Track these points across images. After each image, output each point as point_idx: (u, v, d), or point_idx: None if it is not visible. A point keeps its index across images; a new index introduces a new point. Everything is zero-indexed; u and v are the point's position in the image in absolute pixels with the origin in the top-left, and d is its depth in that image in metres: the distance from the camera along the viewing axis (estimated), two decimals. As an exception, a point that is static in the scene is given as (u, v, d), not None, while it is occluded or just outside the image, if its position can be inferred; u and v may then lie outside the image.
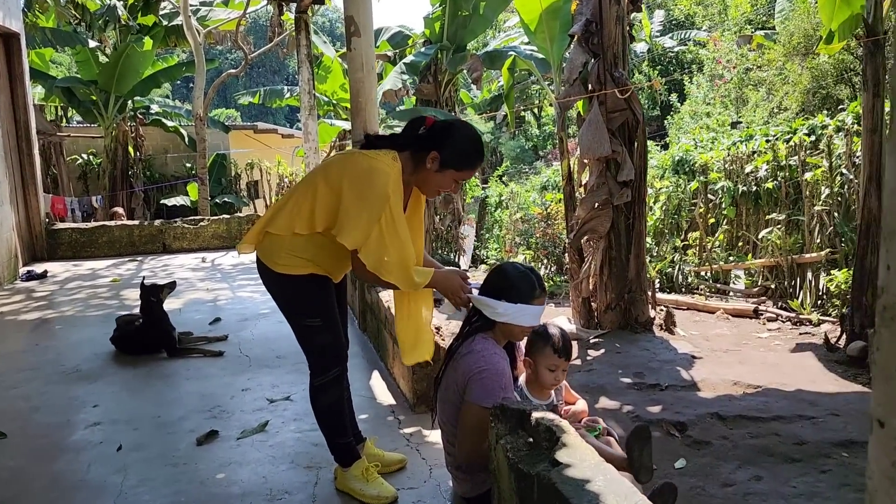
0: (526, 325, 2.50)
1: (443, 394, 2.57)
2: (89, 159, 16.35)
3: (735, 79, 18.42)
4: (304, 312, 2.59)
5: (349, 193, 2.39)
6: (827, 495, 3.15)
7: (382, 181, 2.38)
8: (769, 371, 4.97)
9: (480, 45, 18.26)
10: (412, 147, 2.51)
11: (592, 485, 1.75)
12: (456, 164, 2.49)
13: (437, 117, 2.57)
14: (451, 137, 2.48)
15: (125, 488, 2.87)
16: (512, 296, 2.45)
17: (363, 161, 2.45)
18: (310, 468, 2.99)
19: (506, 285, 2.48)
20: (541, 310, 2.52)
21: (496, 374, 2.38)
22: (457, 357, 2.51)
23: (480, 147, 2.56)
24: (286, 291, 2.61)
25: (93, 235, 9.75)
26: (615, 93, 5.91)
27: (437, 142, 2.47)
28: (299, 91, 9.47)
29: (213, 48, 29.54)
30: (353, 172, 2.42)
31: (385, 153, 2.48)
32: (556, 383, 2.60)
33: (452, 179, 2.52)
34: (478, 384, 2.36)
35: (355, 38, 4.68)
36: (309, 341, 2.63)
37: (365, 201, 2.36)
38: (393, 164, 2.45)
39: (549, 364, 2.55)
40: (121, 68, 14.01)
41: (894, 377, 0.76)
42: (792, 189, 7.57)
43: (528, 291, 2.47)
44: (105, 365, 4.60)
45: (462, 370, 2.44)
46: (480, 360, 2.40)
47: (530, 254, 10.90)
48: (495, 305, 2.46)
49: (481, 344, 2.46)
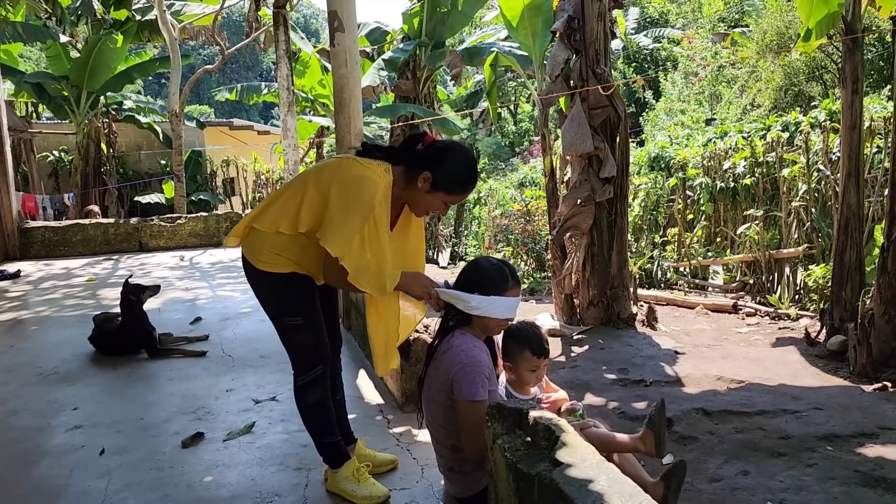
0: (501, 317, 2.51)
1: (427, 394, 2.55)
2: (61, 156, 16.04)
3: (709, 76, 18.60)
4: (286, 311, 2.57)
5: (336, 199, 2.36)
6: (814, 489, 3.18)
7: (371, 190, 2.36)
8: (751, 366, 5.02)
9: (457, 41, 18.21)
10: (407, 163, 2.50)
11: (596, 484, 1.74)
12: (447, 188, 2.48)
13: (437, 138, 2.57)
14: (447, 160, 2.46)
15: (110, 493, 2.80)
16: (485, 288, 2.45)
17: (355, 168, 2.43)
18: (299, 469, 2.95)
19: (479, 278, 2.49)
20: (515, 301, 2.53)
21: (477, 365, 2.38)
22: (437, 355, 2.50)
23: (475, 173, 2.55)
24: (267, 289, 2.58)
25: (66, 234, 9.55)
26: (598, 89, 5.93)
27: (431, 162, 2.45)
28: (277, 87, 9.35)
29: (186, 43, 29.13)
30: (343, 178, 2.40)
31: (378, 164, 2.47)
32: (538, 381, 2.64)
33: (442, 202, 2.52)
34: (462, 380, 2.36)
35: (339, 33, 4.62)
36: (290, 340, 2.61)
37: (351, 208, 2.34)
38: (384, 175, 2.43)
39: (529, 366, 2.56)
40: (92, 63, 13.77)
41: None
42: (769, 185, 7.66)
43: (501, 283, 2.48)
44: (84, 366, 4.50)
45: (443, 368, 2.43)
46: (460, 355, 2.40)
47: (510, 250, 10.91)
48: (468, 299, 2.46)
49: (459, 339, 2.46)
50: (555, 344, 5.86)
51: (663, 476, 2.41)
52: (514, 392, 2.63)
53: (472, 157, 2.57)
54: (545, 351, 2.58)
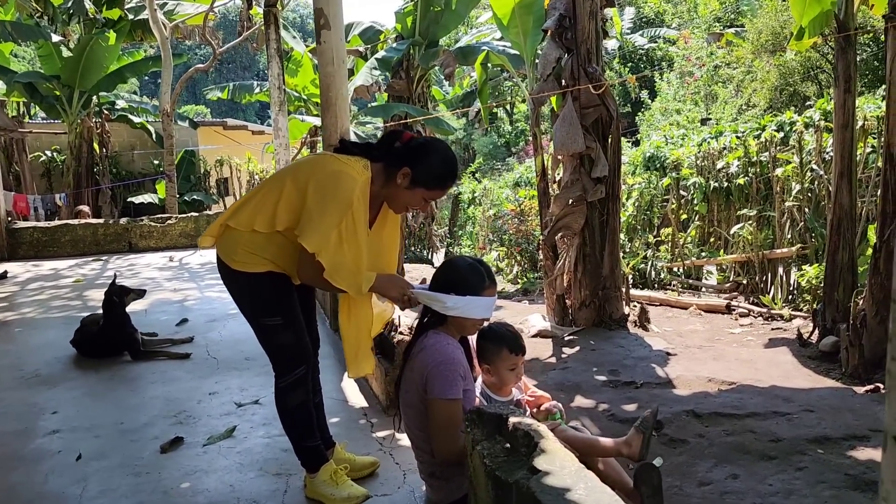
0: (477, 317, 2.47)
1: (404, 397, 2.49)
2: (53, 156, 15.95)
3: (704, 76, 18.58)
4: (263, 311, 2.51)
5: (314, 195, 2.32)
6: (804, 493, 3.13)
7: (349, 186, 2.32)
8: (743, 367, 4.97)
9: (452, 41, 18.16)
10: (386, 159, 2.47)
11: (573, 493, 1.69)
12: (427, 184, 2.46)
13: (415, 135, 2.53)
14: (426, 156, 2.44)
15: (84, 500, 2.74)
16: (461, 288, 2.41)
17: (333, 164, 2.39)
18: (279, 475, 2.89)
19: (455, 278, 2.45)
20: (491, 301, 2.49)
21: (451, 363, 2.34)
22: (412, 357, 2.46)
23: (454, 169, 2.52)
24: (243, 289, 2.53)
25: (55, 234, 9.47)
26: (589, 88, 5.87)
27: (410, 159, 2.43)
28: (269, 86, 9.29)
29: (182, 43, 29.06)
30: (320, 174, 2.36)
31: (357, 160, 2.43)
32: (518, 379, 2.59)
33: (422, 198, 2.49)
34: (436, 378, 2.32)
35: (325, 31, 4.56)
36: (270, 341, 2.55)
37: (328, 204, 2.30)
38: (363, 171, 2.40)
39: (508, 365, 2.52)
40: (85, 63, 13.68)
41: (913, 391, 0.69)
42: (763, 185, 7.62)
43: (478, 283, 2.44)
44: (66, 369, 4.43)
45: (418, 369, 2.39)
46: (434, 354, 2.36)
47: (504, 250, 10.86)
48: (444, 299, 2.41)
49: (433, 338, 2.42)
50: (546, 345, 5.81)
51: (634, 483, 2.36)
52: (492, 395, 2.57)
53: (450, 152, 2.54)
54: (522, 347, 2.54)
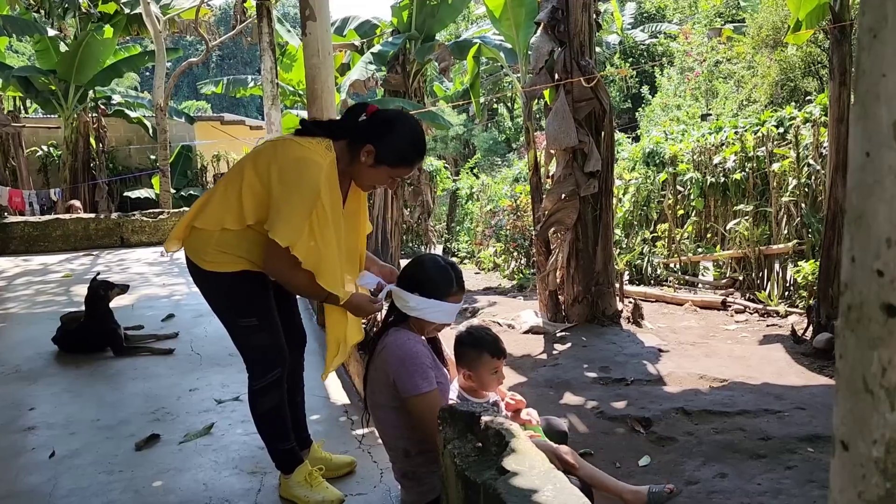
0: (438, 321, 2.40)
1: (371, 398, 2.42)
2: (49, 151, 15.90)
3: (705, 71, 18.48)
4: (238, 312, 2.42)
5: (279, 186, 2.22)
6: (792, 492, 3.06)
7: (314, 173, 2.21)
8: (736, 364, 4.90)
9: (453, 36, 18.06)
10: (350, 136, 2.34)
11: (540, 495, 1.63)
12: (391, 161, 2.34)
13: (380, 107, 2.41)
14: (390, 132, 2.31)
15: (54, 499, 2.68)
16: (427, 290, 2.34)
17: (294, 150, 2.27)
18: (254, 473, 2.82)
19: (423, 278, 2.37)
20: (456, 308, 2.41)
21: (415, 357, 2.27)
22: (374, 356, 2.39)
23: (420, 144, 2.39)
24: (216, 290, 2.43)
25: (46, 229, 9.41)
26: (581, 82, 5.79)
27: (373, 135, 2.31)
28: (262, 80, 9.22)
29: (182, 38, 28.97)
30: (282, 162, 2.25)
31: (319, 142, 2.31)
32: (500, 382, 2.51)
33: (388, 176, 2.38)
34: (403, 376, 2.25)
35: (311, 22, 4.49)
36: (245, 343, 2.46)
37: (295, 195, 2.21)
38: (326, 153, 2.28)
39: (490, 369, 2.44)
40: (81, 57, 13.62)
41: (861, 392, 0.62)
42: (760, 180, 7.54)
43: (445, 287, 2.36)
44: (46, 365, 4.37)
45: (381, 368, 2.33)
46: (395, 351, 2.29)
47: (500, 246, 10.80)
48: (408, 298, 2.35)
49: (393, 336, 2.35)
50: (538, 341, 5.75)
51: None
52: (469, 397, 2.50)
53: (417, 127, 2.41)
54: (502, 351, 2.46)
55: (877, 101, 0.59)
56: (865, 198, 0.61)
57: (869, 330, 0.63)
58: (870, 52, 0.60)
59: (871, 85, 0.60)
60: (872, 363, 0.62)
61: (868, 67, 0.60)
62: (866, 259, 0.62)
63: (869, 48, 0.60)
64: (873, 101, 0.59)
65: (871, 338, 0.62)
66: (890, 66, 0.58)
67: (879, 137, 0.59)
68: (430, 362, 2.30)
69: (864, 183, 0.61)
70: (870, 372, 0.63)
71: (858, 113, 0.62)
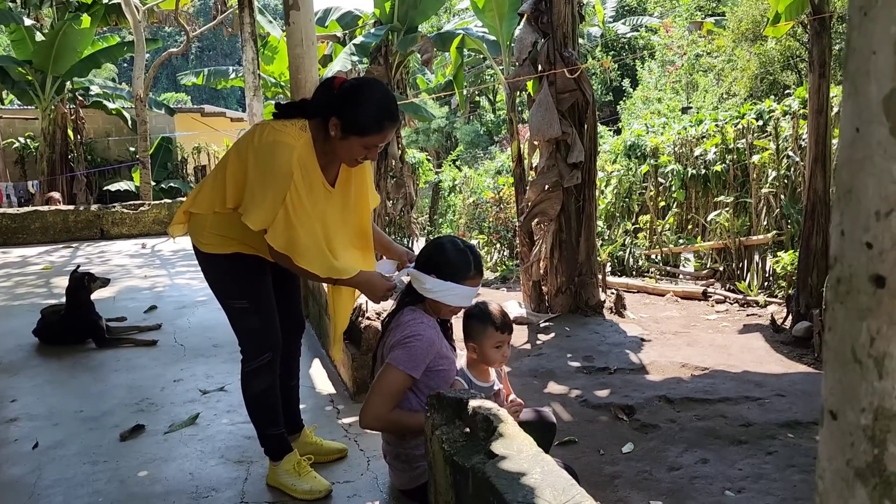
0: (454, 304, 2.40)
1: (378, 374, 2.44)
2: (27, 143, 15.65)
3: (685, 65, 18.59)
4: (230, 293, 2.47)
5: (253, 171, 2.24)
6: (773, 477, 3.12)
7: (285, 156, 2.21)
8: (717, 353, 4.97)
9: (435, 28, 18.01)
10: (322, 113, 2.30)
11: (528, 478, 1.65)
12: (358, 130, 2.25)
13: (347, 77, 2.40)
14: (354, 102, 2.24)
15: (38, 489, 2.66)
16: (444, 272, 2.35)
17: (269, 134, 2.27)
18: (240, 463, 2.82)
19: (440, 260, 2.37)
20: (473, 291, 2.41)
21: (421, 340, 2.29)
22: (387, 333, 2.41)
23: (386, 108, 2.28)
24: (212, 271, 2.49)
25: (24, 221, 9.27)
26: (565, 73, 5.81)
27: (338, 107, 2.26)
28: (244, 71, 9.14)
29: (162, 28, 28.55)
30: (257, 148, 2.26)
31: (293, 123, 2.30)
32: (504, 359, 2.50)
33: (361, 146, 2.29)
34: (402, 349, 2.27)
35: (294, 11, 4.46)
36: (237, 324, 2.50)
37: (267, 178, 2.21)
38: (300, 134, 2.27)
39: (494, 343, 2.44)
40: (58, 47, 13.41)
41: (850, 362, 0.64)
42: (740, 172, 7.61)
43: (463, 270, 2.36)
44: (28, 357, 4.32)
45: (389, 343, 2.34)
46: (407, 329, 2.31)
47: (483, 238, 10.82)
48: (424, 280, 2.35)
49: (409, 315, 2.36)
50: (521, 332, 5.77)
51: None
52: (472, 378, 2.51)
53: (382, 93, 2.32)
54: (508, 326, 2.45)
55: (867, 78, 0.61)
56: (855, 173, 0.63)
57: (858, 301, 0.65)
58: (860, 31, 0.62)
59: (862, 62, 0.61)
60: (861, 334, 0.64)
61: (858, 45, 0.62)
62: (856, 232, 0.64)
63: (859, 27, 0.62)
64: (863, 78, 0.61)
65: (860, 309, 0.64)
66: (880, 43, 0.59)
67: (869, 114, 0.61)
68: (432, 352, 2.31)
69: (853, 158, 0.63)
70: (858, 342, 0.65)
71: (849, 90, 0.63)
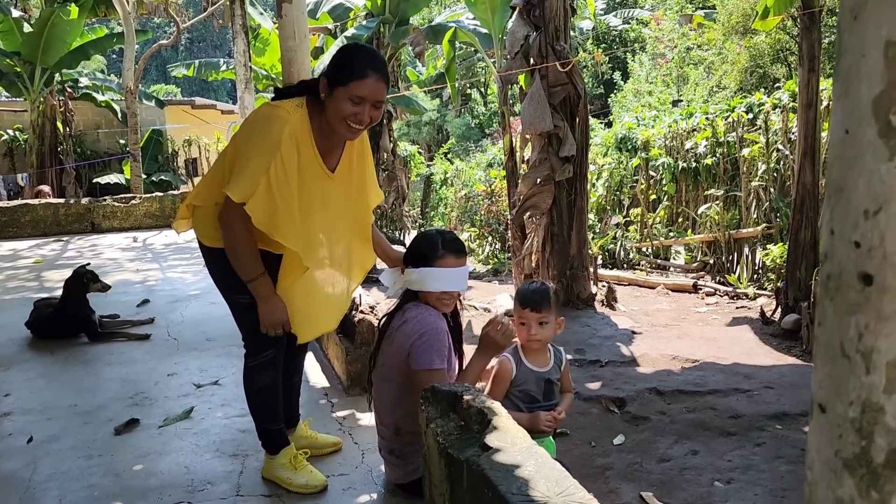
0: (435, 289, 2.37)
1: (380, 371, 2.45)
2: (15, 135, 15.52)
3: (676, 58, 18.63)
4: (233, 288, 2.44)
5: (242, 141, 2.26)
6: (761, 468, 3.16)
7: (277, 126, 2.19)
8: (707, 345, 5.01)
9: (427, 21, 17.96)
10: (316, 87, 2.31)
11: (522, 470, 1.67)
12: (340, 78, 2.20)
13: None
14: (337, 56, 2.27)
15: (33, 483, 2.66)
16: (415, 260, 2.38)
17: (264, 110, 2.30)
18: (236, 456, 2.83)
19: (410, 251, 2.42)
20: (454, 273, 2.38)
21: (434, 332, 2.29)
22: (391, 332, 2.41)
23: (369, 56, 2.26)
24: (215, 265, 2.47)
25: (15, 214, 9.22)
26: (556, 66, 5.82)
27: (327, 69, 2.27)
28: (235, 64, 9.10)
29: (151, 20, 28.27)
30: (249, 121, 2.30)
31: (291, 101, 2.31)
32: (530, 338, 2.37)
33: (346, 99, 2.20)
34: (419, 349, 2.28)
35: (286, 3, 4.44)
36: (241, 319, 2.49)
37: (254, 147, 2.20)
38: (296, 109, 2.26)
39: (519, 318, 2.40)
40: (46, 38, 13.28)
41: (839, 357, 0.66)
42: (730, 165, 7.66)
43: (430, 252, 2.37)
44: (20, 351, 4.32)
45: (399, 342, 2.34)
46: (416, 325, 2.31)
47: (475, 231, 10.84)
48: (407, 275, 2.39)
49: (414, 311, 2.37)
50: (513, 325, 5.79)
51: None
52: (523, 358, 2.41)
53: (367, 48, 2.40)
54: (530, 301, 2.36)
55: (857, 78, 0.62)
56: (845, 171, 0.65)
57: (847, 298, 0.67)
58: (851, 33, 0.63)
59: (852, 64, 0.63)
60: (850, 329, 0.66)
61: (849, 46, 0.63)
62: (845, 230, 0.66)
63: (850, 29, 0.63)
64: (854, 78, 0.63)
65: (849, 305, 0.66)
66: (870, 45, 0.61)
67: (860, 114, 0.63)
68: (447, 341, 2.33)
69: (844, 157, 0.65)
70: (847, 337, 0.67)
71: (839, 91, 0.65)
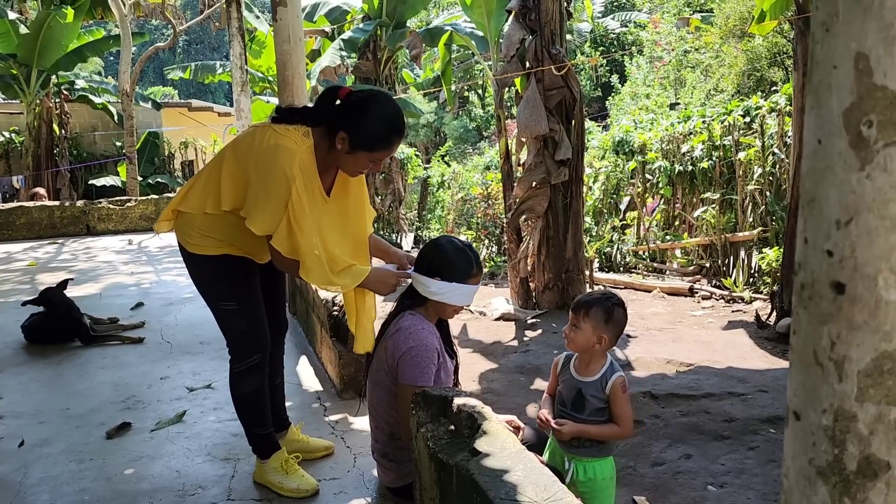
0: (459, 304, 2.43)
1: (374, 375, 2.46)
2: (11, 137, 15.51)
3: (673, 61, 18.67)
4: (219, 295, 2.46)
5: (255, 175, 2.23)
6: (754, 471, 3.16)
7: (287, 160, 2.20)
8: (701, 349, 5.01)
9: (423, 24, 17.98)
10: (326, 122, 2.31)
11: (511, 475, 1.67)
12: (367, 146, 2.28)
13: (354, 89, 2.39)
14: (364, 117, 2.26)
15: (24, 487, 2.66)
16: (449, 274, 2.35)
17: (270, 138, 2.26)
18: (227, 460, 2.83)
19: (443, 262, 2.38)
20: (475, 289, 2.45)
21: (425, 349, 2.30)
22: (386, 337, 2.41)
23: (395, 125, 2.31)
24: (200, 272, 2.48)
25: (9, 217, 9.21)
26: (552, 70, 5.83)
27: (346, 121, 2.26)
28: (231, 66, 9.11)
29: (148, 22, 28.23)
30: (258, 150, 2.25)
31: (296, 129, 2.29)
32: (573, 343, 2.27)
33: (367, 160, 2.32)
34: (407, 363, 2.28)
35: (281, 7, 4.45)
36: (226, 325, 2.50)
37: (269, 182, 2.20)
38: (302, 140, 2.27)
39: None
40: (42, 41, 13.28)
41: (812, 365, 0.66)
42: (726, 169, 7.67)
43: (466, 270, 2.38)
44: (13, 354, 4.31)
45: (391, 350, 2.35)
46: (408, 338, 2.31)
47: (471, 234, 10.84)
48: (428, 284, 2.36)
49: (409, 321, 2.36)
50: (509, 328, 5.80)
51: None
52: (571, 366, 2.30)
53: (391, 108, 2.33)
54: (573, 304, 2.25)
55: (828, 91, 0.63)
56: (817, 182, 0.65)
57: (820, 307, 0.67)
58: (822, 45, 0.64)
59: (824, 76, 0.63)
60: (822, 338, 0.67)
61: (821, 59, 0.64)
62: (818, 240, 0.66)
63: (822, 41, 0.64)
64: (825, 91, 0.63)
65: (822, 314, 0.67)
66: (841, 58, 0.61)
67: (831, 126, 0.63)
68: (435, 359, 2.32)
69: (815, 168, 0.65)
70: (820, 346, 0.67)
71: (812, 103, 0.65)
